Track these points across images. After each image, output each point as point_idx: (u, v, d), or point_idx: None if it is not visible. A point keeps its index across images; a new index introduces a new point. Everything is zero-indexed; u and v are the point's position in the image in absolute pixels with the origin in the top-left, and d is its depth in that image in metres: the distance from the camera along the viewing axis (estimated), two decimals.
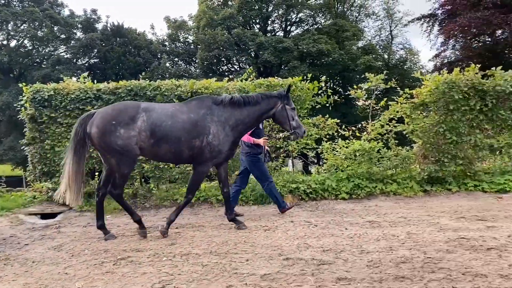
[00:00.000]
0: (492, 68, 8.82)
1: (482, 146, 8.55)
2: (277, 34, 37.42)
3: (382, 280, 4.12)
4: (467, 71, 8.55)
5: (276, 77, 8.90)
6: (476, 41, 32.53)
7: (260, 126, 7.02)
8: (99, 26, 38.02)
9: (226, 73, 36.10)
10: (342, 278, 4.20)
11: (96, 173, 8.36)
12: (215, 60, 34.32)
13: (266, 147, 7.03)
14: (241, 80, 8.94)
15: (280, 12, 36.64)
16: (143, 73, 30.28)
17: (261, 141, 6.91)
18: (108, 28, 36.98)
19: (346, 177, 8.45)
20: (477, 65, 8.73)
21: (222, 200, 8.13)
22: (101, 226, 6.11)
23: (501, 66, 8.76)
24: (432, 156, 8.42)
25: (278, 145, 8.83)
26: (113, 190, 5.87)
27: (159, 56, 37.65)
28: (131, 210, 6.16)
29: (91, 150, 7.54)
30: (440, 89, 8.28)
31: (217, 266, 4.67)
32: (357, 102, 9.16)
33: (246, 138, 6.88)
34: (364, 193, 8.28)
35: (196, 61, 36.53)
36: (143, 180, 8.70)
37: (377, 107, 9.04)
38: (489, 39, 31.66)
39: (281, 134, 8.16)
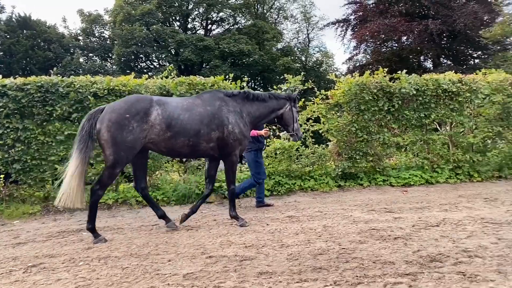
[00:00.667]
0: (398, 72, 9.57)
1: (390, 144, 9.26)
2: (197, 32, 37.17)
3: (301, 272, 4.31)
4: (376, 74, 9.20)
5: (197, 75, 8.84)
6: (384, 46, 35.02)
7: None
8: (3, 16, 34.92)
9: (145, 70, 35.04)
10: (264, 272, 4.32)
11: None
12: (133, 57, 33.20)
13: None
14: (162, 78, 8.76)
15: (200, 11, 36.43)
16: (55, 69, 28.38)
17: (263, 132, 7.25)
18: (14, 19, 34.09)
19: (267, 174, 8.66)
20: (385, 68, 9.41)
21: (142, 202, 7.94)
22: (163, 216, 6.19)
23: (406, 70, 9.55)
24: (346, 154, 8.94)
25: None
26: (98, 188, 5.49)
27: (71, 51, 35.51)
28: (93, 217, 5.68)
29: None
30: (352, 91, 8.82)
31: (138, 268, 4.56)
32: None
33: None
34: (284, 190, 8.55)
35: (113, 57, 35.04)
36: (55, 182, 8.17)
37: None
38: (396, 45, 34.26)
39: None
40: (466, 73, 10.55)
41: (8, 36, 32.98)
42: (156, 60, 36.29)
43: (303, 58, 41.13)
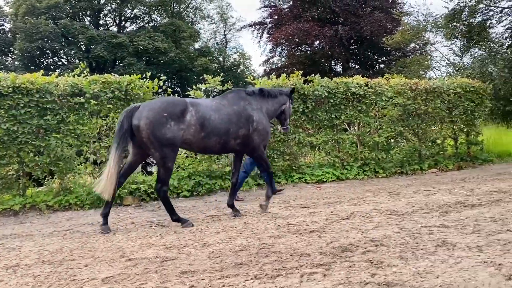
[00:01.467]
0: (312, 75, 10.08)
1: (305, 143, 9.73)
2: (110, 28, 35.64)
3: (222, 268, 4.41)
4: (292, 77, 9.61)
5: (112, 74, 8.53)
6: (298, 50, 36.46)
7: None
8: None
9: (52, 67, 32.87)
10: (186, 271, 4.35)
11: None
12: (38, 52, 30.93)
13: None
14: (74, 76, 8.32)
15: (113, 6, 34.99)
16: None
17: None
18: None
19: (187, 175, 8.64)
20: (300, 71, 9.87)
21: (53, 206, 7.51)
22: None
23: (318, 74, 10.09)
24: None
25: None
26: (160, 186, 5.89)
27: None
28: (171, 209, 6.12)
29: None
30: None
31: (52, 275, 4.34)
32: None
33: None
34: (204, 190, 8.59)
35: (14, 52, 32.32)
36: None
37: None
38: (309, 49, 35.84)
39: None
40: (372, 77, 11.42)
41: None
42: (65, 57, 34.18)
43: (221, 59, 41.34)
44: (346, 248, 4.90)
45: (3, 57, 33.92)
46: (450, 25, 25.42)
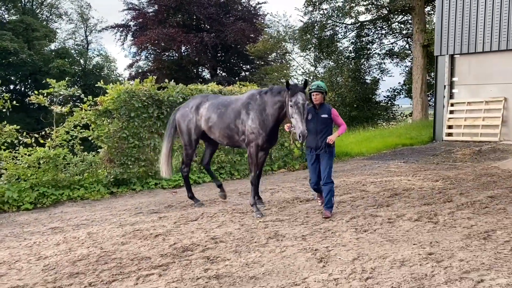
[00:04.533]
0: (165, 81, 10.19)
1: (160, 149, 9.77)
2: None
3: (56, 280, 4.29)
4: (145, 83, 9.60)
5: None
6: (165, 55, 36.19)
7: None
8: None
9: None
10: (14, 287, 4.12)
11: None
12: None
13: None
14: None
15: None
16: None
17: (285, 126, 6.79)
18: None
19: (29, 186, 8.01)
20: (166, 77, 9.90)
21: None
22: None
23: (173, 80, 10.22)
24: (117, 160, 9.00)
25: None
26: (183, 167, 7.49)
27: None
28: (189, 188, 7.61)
29: None
30: (122, 98, 8.95)
31: None
32: (53, 108, 8.69)
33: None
34: (50, 201, 8.07)
35: None
36: None
37: (63, 113, 8.93)
38: (176, 54, 35.83)
39: None
40: (234, 84, 11.95)
41: None
42: None
43: (82, 61, 38.89)
44: (187, 248, 5.15)
45: None
46: (304, 37, 27.89)
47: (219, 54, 36.59)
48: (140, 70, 35.54)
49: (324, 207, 6.43)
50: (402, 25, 29.27)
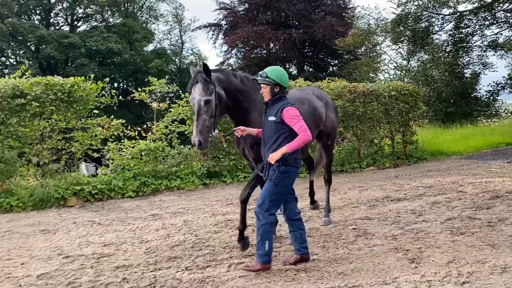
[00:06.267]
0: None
1: None
2: (62, 28, 34.72)
3: (157, 262, 4.67)
4: None
5: (55, 76, 8.52)
6: (254, 52, 36.95)
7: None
8: None
9: (0, 67, 31.69)
10: (121, 266, 4.57)
11: None
12: None
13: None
14: (15, 77, 8.25)
15: (64, 5, 34.12)
16: None
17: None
18: None
19: (132, 176, 8.76)
20: (254, 73, 10.16)
21: None
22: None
23: None
24: (210, 153, 9.49)
25: (59, 147, 8.51)
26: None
27: None
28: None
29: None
30: None
31: None
32: (153, 104, 9.45)
33: None
34: (150, 190, 8.75)
35: None
36: None
37: (161, 109, 9.61)
38: (264, 51, 36.42)
39: None
40: (322, 79, 11.90)
41: None
42: (13, 57, 32.99)
43: (177, 60, 41.18)
44: (275, 240, 5.27)
45: None
46: (397, 30, 26.68)
47: (306, 50, 36.45)
48: (230, 68, 36.68)
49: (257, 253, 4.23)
50: (509, 14, 26.67)
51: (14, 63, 31.99)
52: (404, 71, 28.82)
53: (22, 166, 8.15)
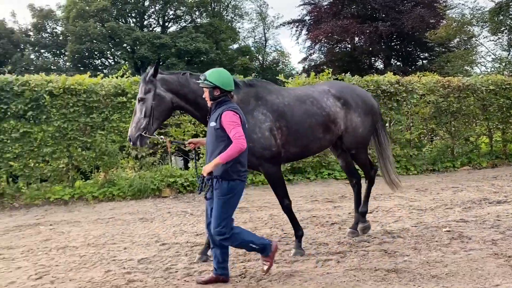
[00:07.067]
0: (342, 74, 10.30)
1: None
2: (154, 29, 36.93)
3: (245, 253, 4.82)
4: (322, 76, 9.88)
5: None
6: (338, 47, 36.26)
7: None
8: None
9: (100, 67, 34.50)
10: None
11: None
12: (86, 54, 32.56)
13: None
14: (117, 77, 9.00)
15: (157, 8, 36.23)
16: (4, 66, 27.49)
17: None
18: None
19: None
20: (337, 68, 10.11)
21: (98, 197, 8.20)
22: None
23: (358, 70, 10.28)
24: None
25: (155, 141, 9.12)
26: None
27: (22, 47, 34.36)
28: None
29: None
30: None
31: (95, 256, 4.92)
32: None
33: None
34: None
35: (66, 53, 34.20)
36: (10, 179, 8.28)
37: None
38: (349, 46, 35.59)
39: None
40: (411, 74, 11.44)
41: None
42: (111, 57, 35.76)
43: (260, 57, 41.81)
44: (363, 239, 5.19)
45: (55, 58, 35.96)
46: (496, 20, 24.60)
47: (393, 43, 34.93)
48: (313, 63, 36.40)
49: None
50: None
51: (112, 63, 34.67)
52: (504, 64, 26.50)
53: (123, 158, 8.87)
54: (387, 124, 10.59)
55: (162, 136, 4.45)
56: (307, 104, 4.84)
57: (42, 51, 35.40)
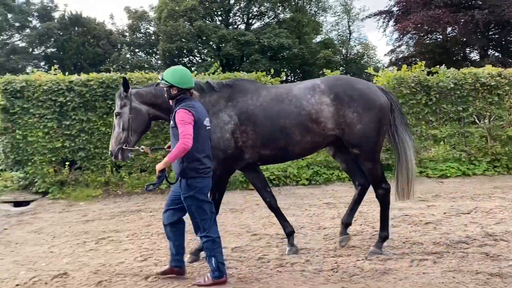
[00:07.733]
0: (437, 66, 9.77)
1: (427, 136, 9.53)
2: (239, 27, 37.85)
3: (336, 249, 4.83)
4: (414, 69, 9.46)
5: (240, 71, 9.44)
6: (428, 38, 34.30)
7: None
8: (56, 14, 37.03)
9: (189, 65, 36.19)
10: (302, 248, 4.87)
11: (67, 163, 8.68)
12: (176, 52, 34.35)
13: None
14: (209, 74, 9.41)
15: (241, 5, 37.07)
16: (104, 65, 30.03)
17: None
18: (66, 17, 36.05)
19: (306, 165, 9.16)
20: (429, 60, 9.65)
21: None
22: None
23: (444, 64, 9.72)
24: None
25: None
26: None
27: (119, 47, 37.16)
28: None
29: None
30: (390, 85, 9.12)
31: (192, 242, 5.22)
32: None
33: None
34: (322, 179, 9.02)
35: (157, 52, 36.37)
36: (114, 169, 9.04)
37: None
38: (440, 36, 33.51)
39: None
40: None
41: (61, 33, 34.96)
42: (199, 55, 37.32)
43: (344, 51, 40.95)
44: (462, 241, 4.93)
45: (148, 57, 38.47)
46: None
47: (491, 33, 32.23)
48: (400, 56, 34.84)
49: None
50: None
51: (200, 61, 36.17)
52: None
53: None
54: (486, 120, 9.88)
55: (142, 146, 4.55)
56: (284, 103, 4.55)
57: (136, 50, 37.99)
